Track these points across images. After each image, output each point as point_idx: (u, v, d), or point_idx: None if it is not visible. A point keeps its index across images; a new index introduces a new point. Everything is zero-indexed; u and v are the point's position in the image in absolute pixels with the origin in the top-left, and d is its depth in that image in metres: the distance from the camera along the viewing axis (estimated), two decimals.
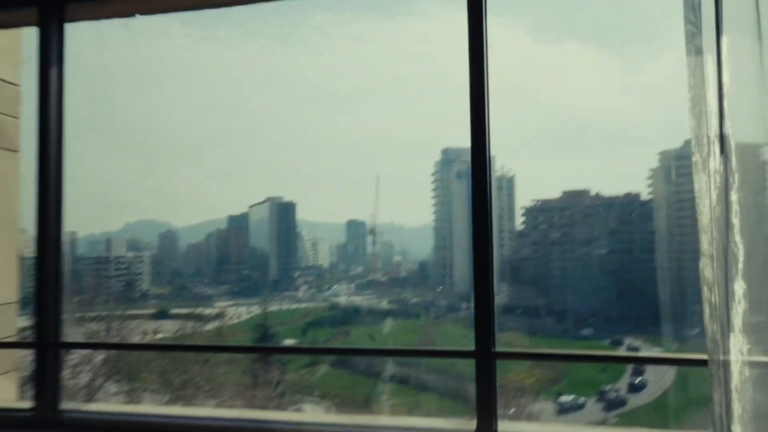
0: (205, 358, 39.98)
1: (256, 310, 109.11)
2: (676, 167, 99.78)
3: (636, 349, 75.08)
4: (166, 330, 73.86)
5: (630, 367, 63.01)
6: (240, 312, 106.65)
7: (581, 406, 45.00)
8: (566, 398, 47.38)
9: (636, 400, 39.85)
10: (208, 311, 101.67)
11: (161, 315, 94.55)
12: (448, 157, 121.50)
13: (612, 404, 42.72)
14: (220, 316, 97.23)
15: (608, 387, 52.28)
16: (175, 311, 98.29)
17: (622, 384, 52.85)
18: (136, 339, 67.36)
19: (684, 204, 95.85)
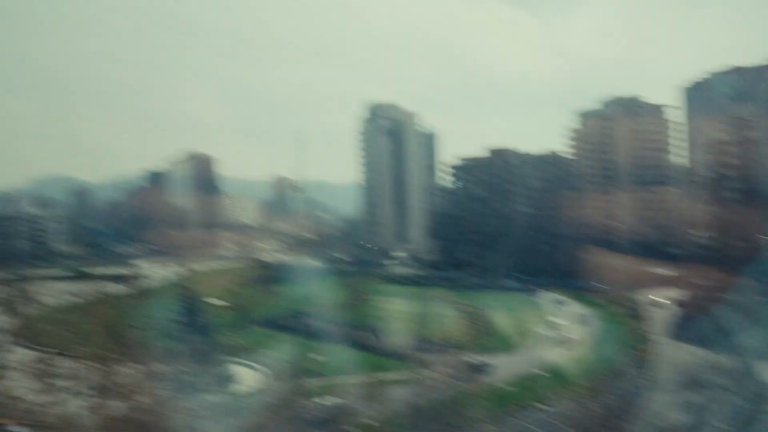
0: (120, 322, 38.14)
1: (177, 269, 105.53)
2: (591, 126, 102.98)
3: (561, 303, 79.24)
4: (82, 292, 69.92)
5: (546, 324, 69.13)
6: (163, 272, 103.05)
7: None
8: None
9: None
10: (127, 272, 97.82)
11: (76, 276, 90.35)
12: (372, 113, 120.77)
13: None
14: (140, 276, 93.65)
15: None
16: (91, 272, 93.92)
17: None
18: (50, 301, 63.52)
19: (601, 163, 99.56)
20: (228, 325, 69.78)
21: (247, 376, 53.90)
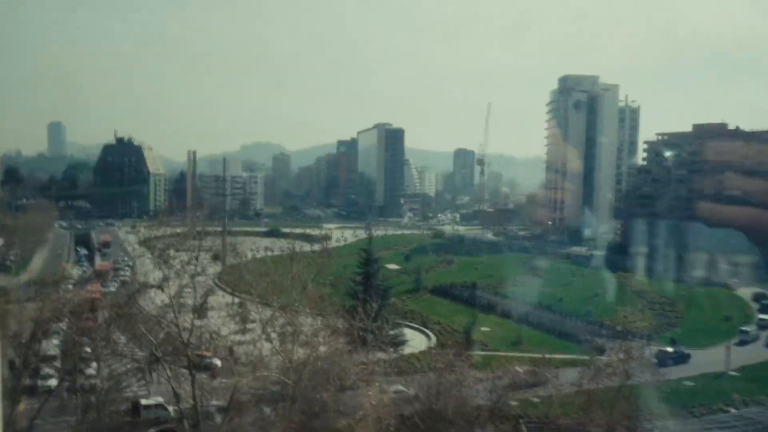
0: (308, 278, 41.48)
1: (361, 234, 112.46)
2: None
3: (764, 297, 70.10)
4: (277, 248, 77.12)
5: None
6: (346, 235, 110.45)
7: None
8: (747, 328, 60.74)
9: None
10: (316, 232, 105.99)
11: (273, 233, 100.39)
12: (566, 86, 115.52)
13: None
14: (326, 237, 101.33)
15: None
16: (285, 230, 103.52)
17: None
18: (249, 255, 71.15)
19: None
20: (403, 289, 72.42)
21: (416, 340, 55.66)
